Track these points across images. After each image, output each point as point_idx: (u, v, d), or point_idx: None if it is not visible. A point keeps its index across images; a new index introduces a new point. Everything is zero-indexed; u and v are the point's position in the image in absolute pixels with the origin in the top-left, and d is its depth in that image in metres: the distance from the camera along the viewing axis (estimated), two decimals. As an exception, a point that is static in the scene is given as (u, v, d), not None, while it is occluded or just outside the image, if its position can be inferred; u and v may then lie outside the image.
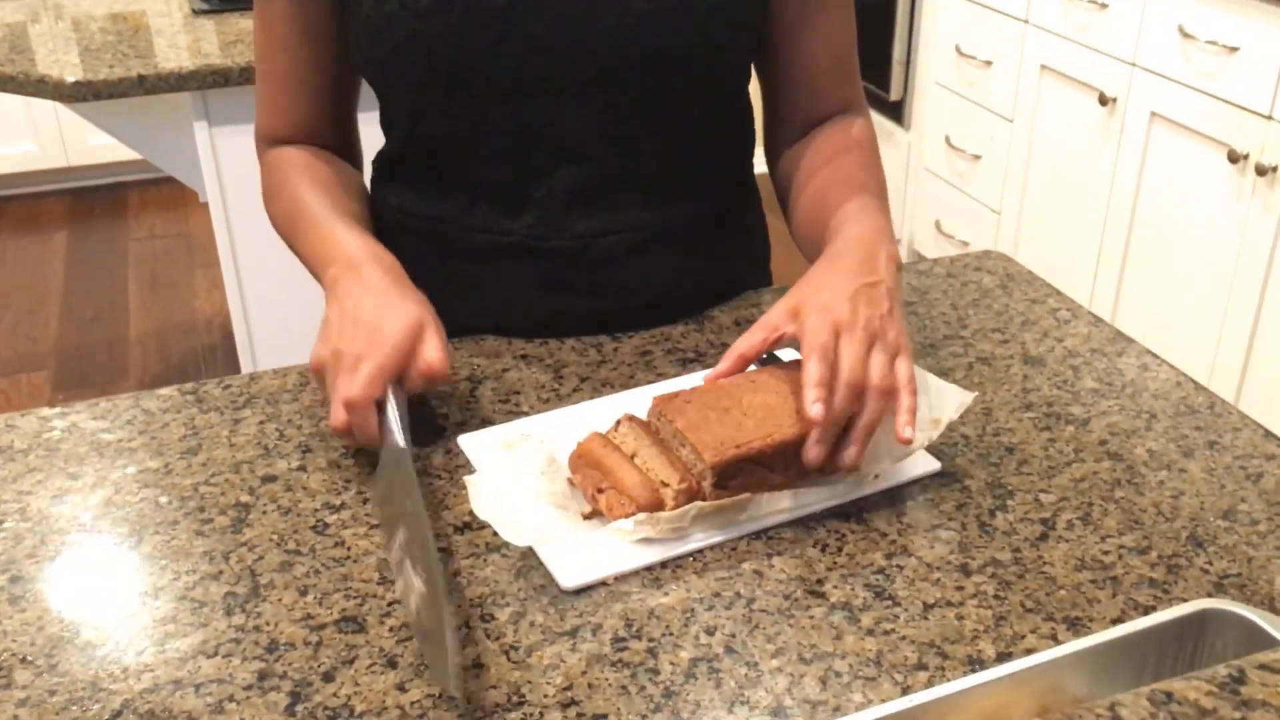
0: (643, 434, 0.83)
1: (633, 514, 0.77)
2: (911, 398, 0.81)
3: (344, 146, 1.10)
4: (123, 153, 3.76)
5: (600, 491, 0.80)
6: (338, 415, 0.84)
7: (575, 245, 1.02)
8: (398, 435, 0.84)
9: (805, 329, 0.81)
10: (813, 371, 0.79)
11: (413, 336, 0.86)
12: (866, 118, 1.08)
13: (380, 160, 1.10)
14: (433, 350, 0.86)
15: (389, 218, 1.08)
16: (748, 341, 0.85)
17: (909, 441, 0.80)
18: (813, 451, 0.79)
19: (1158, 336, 2.42)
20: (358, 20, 0.98)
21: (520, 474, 0.82)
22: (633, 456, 0.81)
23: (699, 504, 0.78)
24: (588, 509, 0.81)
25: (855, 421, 0.80)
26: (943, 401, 0.86)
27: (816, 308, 0.82)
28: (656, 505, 0.78)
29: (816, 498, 0.82)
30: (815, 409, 0.78)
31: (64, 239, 3.74)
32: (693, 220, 1.06)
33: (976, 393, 0.88)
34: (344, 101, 1.09)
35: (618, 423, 0.85)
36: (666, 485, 0.79)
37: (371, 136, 1.12)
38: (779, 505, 0.81)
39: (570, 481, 0.83)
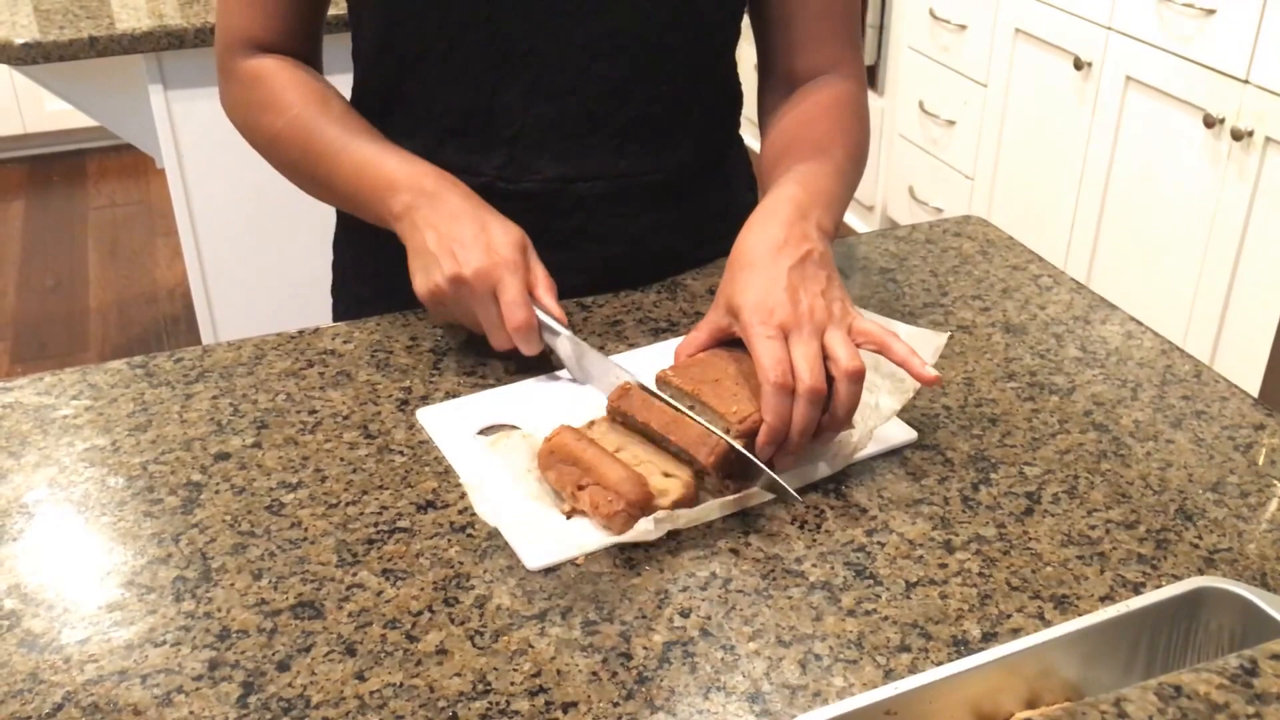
0: (621, 430, 0.79)
1: (621, 511, 0.73)
2: (901, 343, 0.79)
3: (314, 59, 1.04)
4: (81, 119, 3.67)
5: (581, 489, 0.76)
6: (516, 320, 0.85)
7: (545, 189, 0.99)
8: (564, 331, 0.87)
9: (753, 344, 0.78)
10: (769, 401, 0.75)
11: (524, 253, 0.87)
12: (858, 82, 1.03)
13: (351, 94, 1.05)
14: (541, 271, 0.88)
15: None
16: (692, 344, 0.84)
17: (936, 378, 0.77)
18: (783, 461, 0.78)
19: (1133, 302, 2.40)
20: None
21: (514, 477, 0.79)
22: (616, 451, 0.77)
23: (724, 499, 0.76)
24: (566, 507, 0.77)
25: (833, 410, 0.77)
26: (916, 346, 0.83)
27: (756, 310, 0.79)
28: (647, 500, 0.74)
29: (798, 479, 0.79)
30: (764, 452, 0.76)
31: (21, 208, 3.65)
32: (670, 172, 1.02)
33: (949, 332, 0.85)
34: (317, 5, 1.02)
35: (591, 423, 0.81)
36: (671, 476, 0.76)
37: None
38: (762, 495, 0.78)
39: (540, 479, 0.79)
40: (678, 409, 0.79)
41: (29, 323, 3.05)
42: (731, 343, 0.83)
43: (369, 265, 1.08)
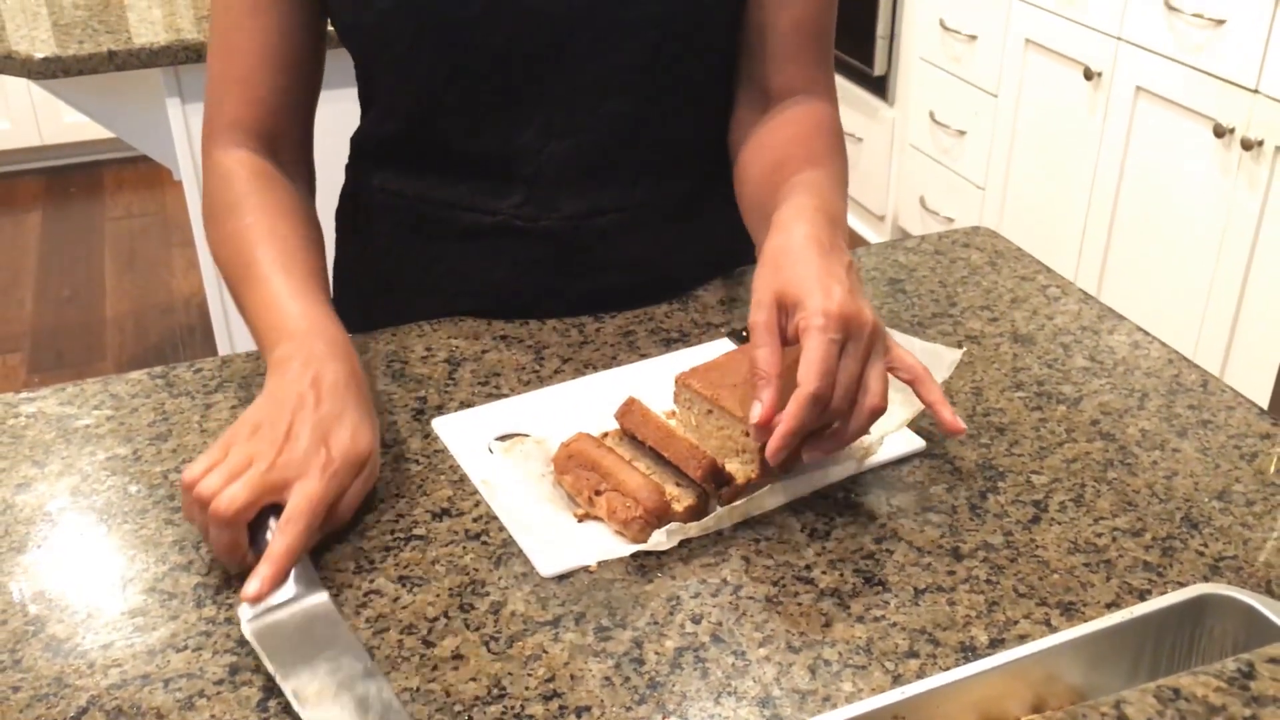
0: (634, 444, 0.81)
1: (639, 517, 0.74)
2: (935, 384, 0.76)
3: (304, 137, 1.02)
4: (98, 131, 3.69)
5: (598, 494, 0.77)
6: (229, 504, 0.70)
7: (565, 226, 0.99)
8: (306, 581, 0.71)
9: (811, 336, 0.72)
10: (798, 407, 0.70)
11: (360, 471, 0.76)
12: (833, 104, 1.01)
13: (358, 139, 1.07)
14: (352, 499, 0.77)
15: (368, 197, 1.05)
16: (769, 361, 0.74)
17: (962, 430, 0.76)
18: (807, 455, 0.75)
19: (1143, 312, 2.41)
20: None
21: (527, 480, 0.80)
22: (631, 461, 0.79)
23: (733, 505, 0.77)
24: (580, 511, 0.78)
25: (837, 433, 0.74)
26: (930, 363, 0.84)
27: (819, 298, 0.73)
28: (664, 508, 0.75)
29: (806, 487, 0.80)
30: (776, 455, 0.72)
31: (38, 219, 3.68)
32: (682, 195, 1.04)
33: (964, 348, 0.85)
34: (311, 81, 1.00)
35: (605, 434, 0.82)
36: (683, 485, 0.77)
37: (338, 116, 1.08)
38: (779, 498, 0.79)
39: (555, 482, 0.81)
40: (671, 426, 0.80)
41: (46, 333, 3.08)
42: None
43: (367, 282, 1.10)
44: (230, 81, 0.96)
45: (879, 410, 0.74)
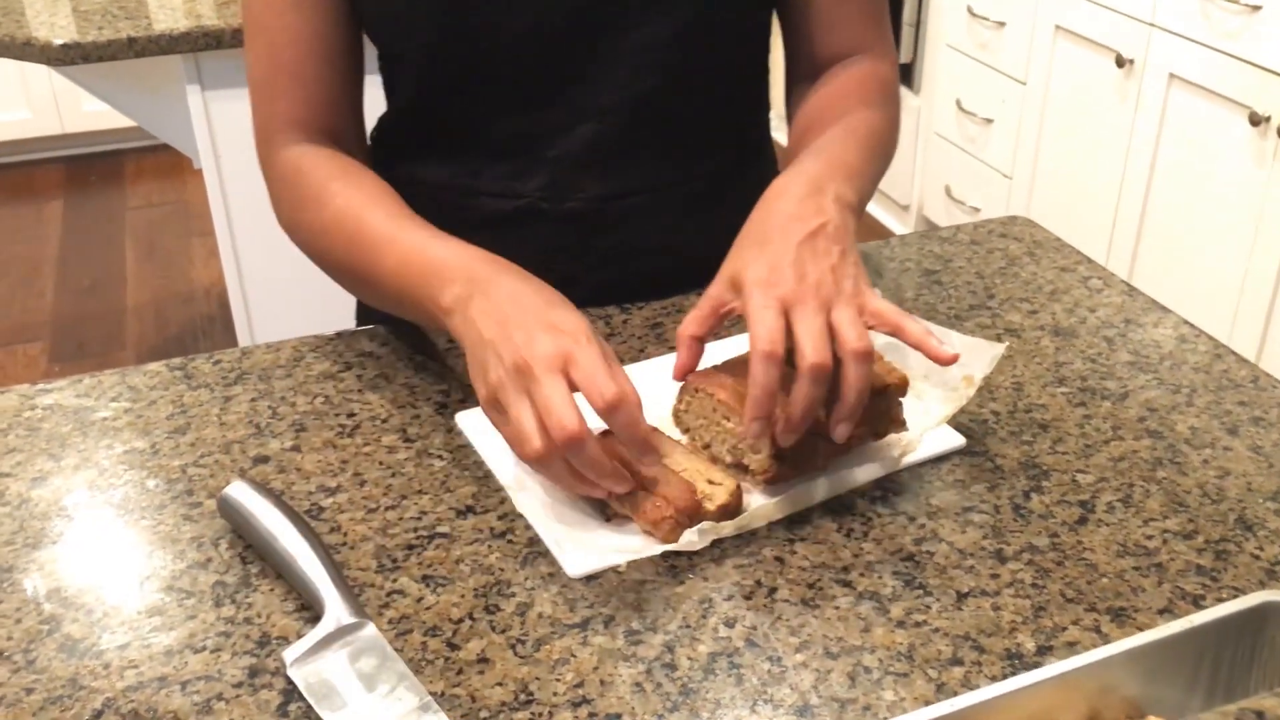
0: (665, 437, 0.78)
1: (669, 517, 0.72)
2: (916, 322, 0.75)
3: (358, 129, 1.00)
4: (118, 119, 3.69)
5: (628, 492, 0.74)
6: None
7: (589, 208, 0.97)
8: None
9: (750, 314, 0.73)
10: (754, 369, 0.71)
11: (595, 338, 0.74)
12: (887, 63, 0.99)
13: (381, 125, 1.05)
14: (621, 374, 0.72)
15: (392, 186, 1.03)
16: (694, 321, 0.78)
17: (954, 358, 0.74)
18: (783, 438, 0.73)
19: (1177, 302, 2.36)
20: None
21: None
22: (662, 458, 0.76)
23: (764, 506, 0.74)
24: (608, 510, 0.76)
25: (842, 394, 0.73)
26: (972, 358, 0.81)
27: (758, 283, 0.74)
28: (695, 508, 0.72)
29: (842, 485, 0.78)
30: (753, 428, 0.72)
31: (59, 207, 3.68)
32: (706, 178, 1.01)
33: (1006, 343, 0.82)
34: (358, 72, 0.98)
35: None
36: (716, 484, 0.74)
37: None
38: (814, 495, 0.77)
39: None
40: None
41: (66, 322, 3.07)
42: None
43: None
44: (280, 81, 0.93)
45: (862, 352, 0.72)
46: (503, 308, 0.75)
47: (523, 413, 0.70)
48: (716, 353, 0.84)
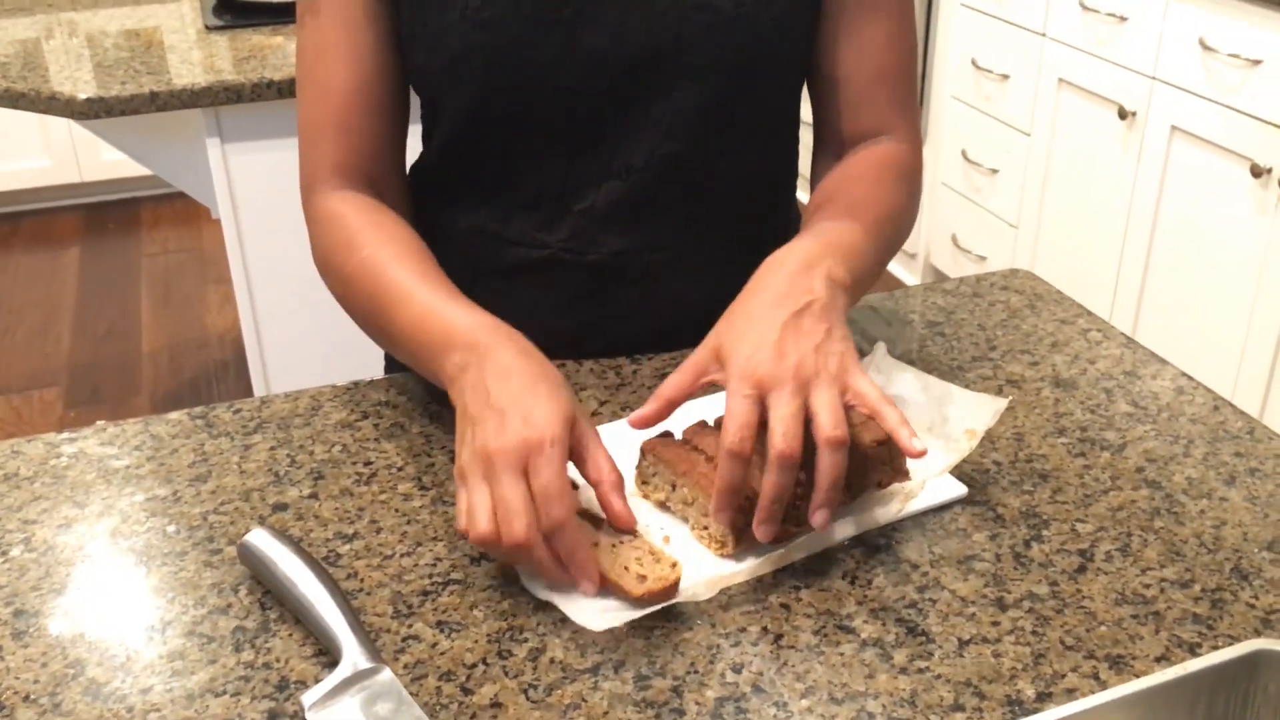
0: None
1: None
2: (894, 409, 0.76)
3: (399, 177, 1.03)
4: (136, 168, 3.75)
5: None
6: (517, 519, 0.71)
7: (610, 261, 1.00)
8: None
9: (726, 401, 0.75)
10: (720, 465, 0.74)
11: (569, 429, 0.75)
12: (909, 145, 1.01)
13: (416, 170, 1.07)
14: (603, 458, 0.76)
15: (421, 231, 1.06)
16: (674, 385, 0.80)
17: (922, 452, 0.75)
18: (759, 530, 0.75)
19: (1179, 355, 2.38)
20: (414, 28, 0.94)
21: None
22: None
23: (771, 554, 0.76)
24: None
25: (817, 483, 0.74)
26: (974, 412, 0.83)
27: (738, 367, 0.76)
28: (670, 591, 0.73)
29: (841, 532, 0.80)
30: (721, 518, 0.75)
31: (76, 254, 3.73)
32: (730, 240, 1.03)
33: (1009, 397, 0.84)
34: (402, 120, 1.01)
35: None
36: (643, 576, 0.75)
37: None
38: (820, 542, 0.78)
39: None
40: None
41: (82, 368, 3.11)
42: None
43: None
44: (326, 129, 0.97)
45: (836, 440, 0.73)
46: (490, 385, 0.77)
47: (478, 498, 0.73)
48: (694, 409, 0.86)
